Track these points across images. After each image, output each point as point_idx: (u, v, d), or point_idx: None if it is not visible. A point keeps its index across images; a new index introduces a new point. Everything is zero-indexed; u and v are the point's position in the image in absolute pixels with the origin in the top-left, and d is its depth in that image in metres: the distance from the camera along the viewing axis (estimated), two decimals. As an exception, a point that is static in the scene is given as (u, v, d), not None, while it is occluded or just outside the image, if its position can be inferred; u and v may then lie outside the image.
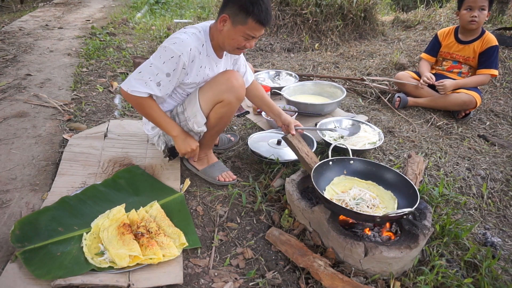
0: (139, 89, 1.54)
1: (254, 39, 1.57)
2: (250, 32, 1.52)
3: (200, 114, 1.66)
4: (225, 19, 1.54)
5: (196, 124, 1.69)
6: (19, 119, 2.38)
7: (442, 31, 2.81)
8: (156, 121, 1.68)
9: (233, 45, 1.58)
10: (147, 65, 1.55)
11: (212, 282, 1.32)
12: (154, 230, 1.45)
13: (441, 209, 1.70)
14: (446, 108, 2.72)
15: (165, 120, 1.67)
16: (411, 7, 6.53)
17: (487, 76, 2.62)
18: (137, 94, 1.55)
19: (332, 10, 4.23)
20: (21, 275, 1.26)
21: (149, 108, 1.62)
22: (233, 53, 1.66)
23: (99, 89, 2.96)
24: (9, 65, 3.42)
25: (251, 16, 1.48)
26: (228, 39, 1.57)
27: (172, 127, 1.68)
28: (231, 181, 1.86)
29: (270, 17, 1.52)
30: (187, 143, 1.71)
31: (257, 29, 1.53)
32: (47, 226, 1.46)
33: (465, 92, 2.57)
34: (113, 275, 1.28)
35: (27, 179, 1.80)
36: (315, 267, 1.31)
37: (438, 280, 1.32)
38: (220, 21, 1.56)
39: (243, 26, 1.51)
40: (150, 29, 4.95)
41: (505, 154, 2.23)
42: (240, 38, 1.55)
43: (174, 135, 1.69)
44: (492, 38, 2.58)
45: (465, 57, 2.68)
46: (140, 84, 1.54)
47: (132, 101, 1.60)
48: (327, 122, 2.33)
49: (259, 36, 1.58)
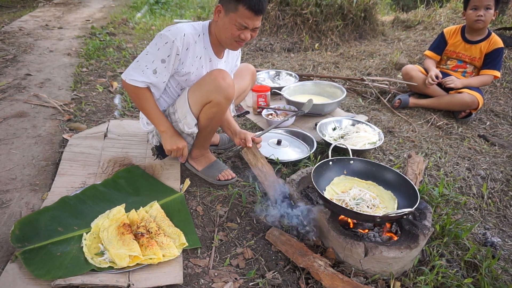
0: (137, 77, 1.57)
1: (247, 30, 1.55)
2: (242, 21, 1.50)
3: (190, 116, 1.66)
4: (219, 9, 1.55)
5: (187, 125, 1.68)
6: (19, 119, 2.38)
7: (449, 29, 2.79)
8: (148, 114, 1.70)
9: (228, 35, 1.56)
10: (144, 54, 1.59)
11: (212, 282, 1.32)
12: (154, 230, 1.45)
13: (441, 209, 1.70)
14: (449, 109, 2.71)
15: (156, 114, 1.69)
16: (411, 7, 6.52)
17: (490, 77, 2.63)
18: (135, 83, 1.58)
19: (332, 10, 4.23)
20: (21, 275, 1.26)
21: (144, 100, 1.65)
22: (231, 47, 1.64)
23: (99, 89, 2.96)
24: (9, 65, 3.42)
25: (242, 2, 1.47)
26: (222, 29, 1.56)
27: (161, 122, 1.69)
28: (231, 179, 1.86)
29: (262, 4, 1.49)
30: (174, 141, 1.71)
31: (249, 17, 1.50)
32: (47, 226, 1.46)
33: (468, 93, 2.57)
34: (113, 275, 1.28)
35: (27, 179, 1.80)
36: (315, 267, 1.31)
37: (438, 280, 1.32)
38: (215, 12, 1.57)
39: (235, 14, 1.50)
40: (150, 29, 4.95)
41: (505, 154, 2.23)
42: (233, 27, 1.53)
43: (161, 130, 1.70)
44: (498, 40, 2.59)
45: (471, 57, 2.67)
46: (137, 73, 1.58)
47: (130, 90, 1.63)
48: (327, 122, 2.33)
49: (253, 27, 1.55)
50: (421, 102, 2.79)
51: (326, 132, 2.27)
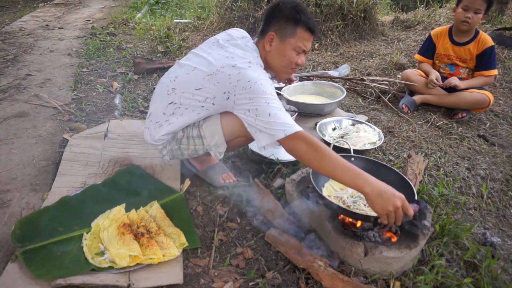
0: (290, 122, 1.33)
1: (304, 53, 1.52)
2: (301, 44, 1.48)
3: (223, 145, 1.56)
4: (271, 37, 1.50)
5: (219, 153, 1.59)
6: (19, 119, 2.39)
7: (436, 31, 2.76)
8: (343, 171, 1.25)
9: (286, 63, 1.52)
10: (265, 105, 1.36)
11: (212, 282, 1.32)
12: (154, 230, 1.45)
13: (441, 209, 1.70)
14: (458, 107, 2.65)
15: (350, 165, 1.26)
16: (411, 7, 6.52)
17: (490, 78, 2.62)
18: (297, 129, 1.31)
19: (332, 10, 4.23)
20: (21, 275, 1.26)
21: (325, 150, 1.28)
22: (286, 75, 1.59)
23: (99, 89, 2.96)
24: (10, 65, 3.42)
25: (300, 25, 1.45)
26: (279, 57, 1.51)
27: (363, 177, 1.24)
28: (231, 182, 1.86)
29: (315, 23, 1.49)
30: (389, 197, 1.18)
31: (307, 39, 1.49)
32: (48, 226, 1.46)
33: (477, 92, 2.56)
34: (113, 275, 1.28)
35: (27, 179, 1.81)
36: (315, 267, 1.31)
37: (438, 280, 1.32)
38: (267, 41, 1.51)
39: (293, 38, 1.47)
40: (150, 29, 4.95)
41: (504, 154, 2.23)
42: (292, 53, 1.50)
43: (367, 190, 1.20)
44: (487, 38, 2.57)
45: (462, 59, 2.66)
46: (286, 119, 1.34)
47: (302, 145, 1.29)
48: (327, 122, 2.33)
49: (309, 49, 1.52)
50: (428, 97, 2.73)
51: (326, 132, 2.27)
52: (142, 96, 2.89)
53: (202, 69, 1.51)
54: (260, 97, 1.35)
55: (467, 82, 2.63)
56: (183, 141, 1.63)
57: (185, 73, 1.56)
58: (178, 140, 1.64)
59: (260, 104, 1.35)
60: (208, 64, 1.51)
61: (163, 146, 1.70)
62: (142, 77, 3.27)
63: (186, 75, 1.55)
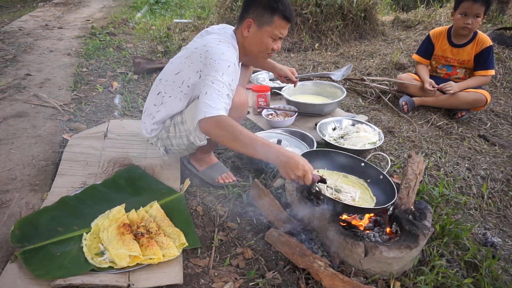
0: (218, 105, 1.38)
1: (280, 40, 1.57)
2: (278, 31, 1.53)
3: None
4: (249, 24, 1.54)
5: (198, 138, 1.62)
6: (19, 119, 2.38)
7: (434, 31, 2.76)
8: (251, 142, 1.36)
9: (263, 49, 1.58)
10: (209, 83, 1.41)
11: (212, 282, 1.32)
12: (154, 230, 1.45)
13: (441, 209, 1.70)
14: (456, 107, 2.65)
15: (259, 138, 1.37)
16: (411, 7, 6.52)
17: (488, 77, 2.62)
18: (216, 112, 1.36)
19: (332, 10, 4.23)
20: (21, 275, 1.26)
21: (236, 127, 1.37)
22: (262, 59, 1.68)
23: (99, 89, 2.96)
24: (9, 65, 3.42)
25: (277, 13, 1.49)
26: (256, 43, 1.57)
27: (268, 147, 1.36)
28: (230, 182, 1.86)
29: (292, 11, 1.53)
30: (297, 163, 1.33)
31: (284, 27, 1.54)
32: (47, 226, 1.46)
33: (473, 91, 2.56)
34: (113, 275, 1.28)
35: (27, 179, 1.80)
36: (315, 267, 1.31)
37: (438, 280, 1.32)
38: (244, 27, 1.55)
39: (270, 26, 1.52)
40: (150, 29, 4.95)
41: (505, 154, 2.23)
42: (268, 40, 1.55)
43: (273, 156, 1.35)
44: (485, 38, 2.56)
45: (460, 61, 2.65)
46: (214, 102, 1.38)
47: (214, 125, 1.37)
48: (327, 122, 2.33)
49: (284, 36, 1.58)
50: (427, 99, 2.73)
51: (326, 132, 2.26)
52: (142, 96, 2.88)
53: (181, 55, 1.66)
54: (210, 75, 1.42)
55: (464, 83, 2.62)
56: (170, 129, 1.69)
57: (170, 63, 1.73)
58: (166, 129, 1.71)
59: (206, 82, 1.42)
60: (186, 51, 1.65)
61: (157, 138, 1.77)
62: (142, 77, 3.26)
63: (170, 65, 1.72)
